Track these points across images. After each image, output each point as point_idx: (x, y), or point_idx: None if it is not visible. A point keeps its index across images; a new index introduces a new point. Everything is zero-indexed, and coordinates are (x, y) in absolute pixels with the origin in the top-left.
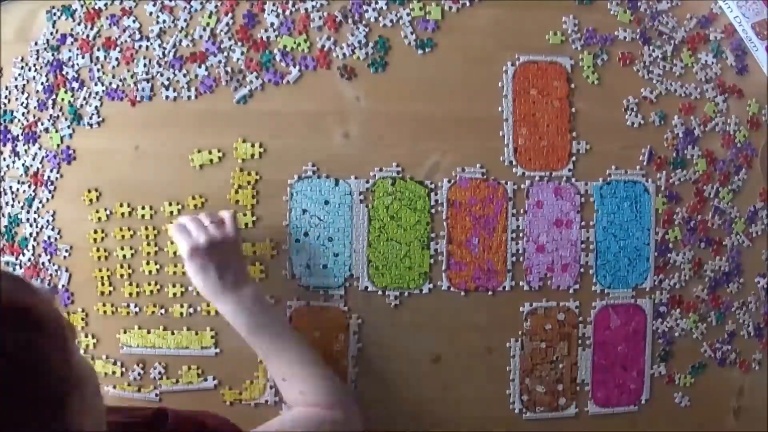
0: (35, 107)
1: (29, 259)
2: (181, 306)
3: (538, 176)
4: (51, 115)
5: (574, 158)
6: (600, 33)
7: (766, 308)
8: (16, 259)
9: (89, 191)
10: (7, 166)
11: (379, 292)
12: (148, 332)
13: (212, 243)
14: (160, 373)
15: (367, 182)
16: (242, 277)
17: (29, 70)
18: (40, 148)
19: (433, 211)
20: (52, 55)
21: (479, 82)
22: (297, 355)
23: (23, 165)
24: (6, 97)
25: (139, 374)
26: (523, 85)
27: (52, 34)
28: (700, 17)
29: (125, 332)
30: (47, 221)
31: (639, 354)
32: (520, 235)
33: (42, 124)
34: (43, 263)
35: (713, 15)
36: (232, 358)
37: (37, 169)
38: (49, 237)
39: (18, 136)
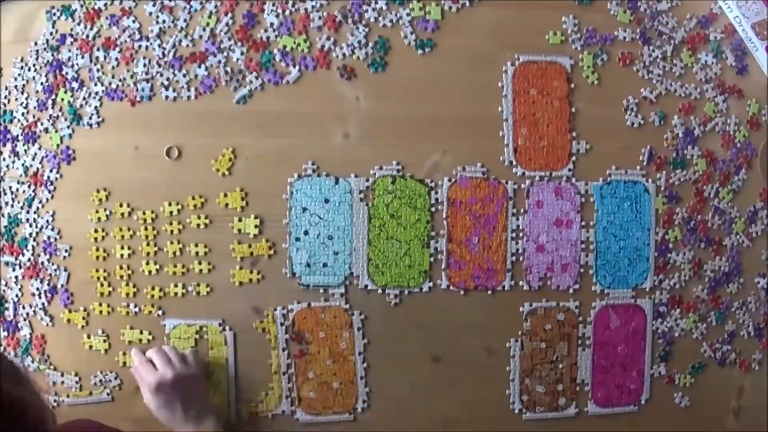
0: (35, 107)
1: (29, 259)
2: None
3: (538, 176)
4: (51, 115)
5: (574, 158)
6: (600, 33)
7: (766, 308)
8: (16, 259)
9: (98, 191)
10: (7, 166)
11: (379, 291)
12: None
13: (177, 377)
14: None
15: (367, 180)
16: (205, 409)
17: (29, 70)
18: (39, 148)
19: (433, 209)
20: (52, 55)
21: (479, 82)
22: None
23: (23, 165)
24: (6, 97)
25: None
26: (523, 85)
27: (51, 34)
28: (700, 17)
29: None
30: (47, 221)
31: (639, 354)
32: (520, 234)
33: (42, 124)
34: (42, 263)
35: (713, 15)
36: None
37: (37, 169)
38: (48, 237)
39: (18, 136)
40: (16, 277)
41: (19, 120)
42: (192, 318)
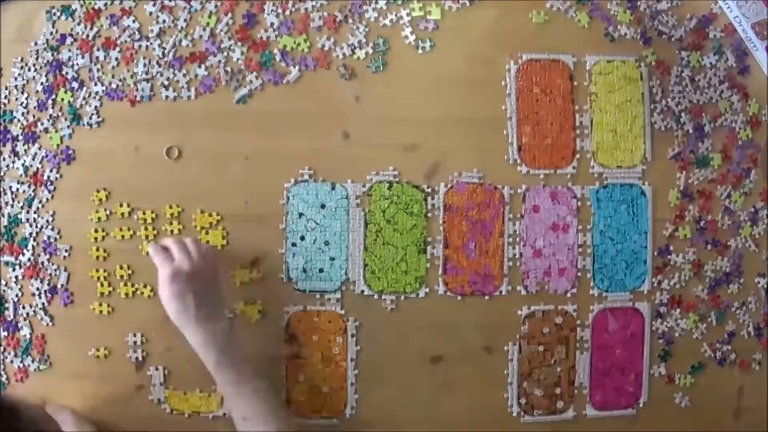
0: (35, 107)
1: (29, 259)
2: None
3: (542, 174)
4: (51, 115)
5: (578, 156)
6: None
7: (766, 308)
8: (16, 259)
9: (98, 191)
10: (7, 166)
11: (375, 296)
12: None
13: (194, 271)
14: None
15: (364, 186)
16: (218, 310)
17: (29, 70)
18: (39, 148)
19: (429, 215)
20: (52, 55)
21: (479, 81)
22: (261, 394)
23: (23, 165)
24: (6, 97)
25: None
26: (526, 83)
27: (51, 34)
28: (700, 17)
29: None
30: (47, 221)
31: (637, 357)
32: (517, 239)
33: (42, 124)
34: (42, 263)
35: (713, 15)
36: None
37: (37, 169)
38: (48, 237)
39: (18, 136)
40: (16, 277)
41: (19, 120)
42: None
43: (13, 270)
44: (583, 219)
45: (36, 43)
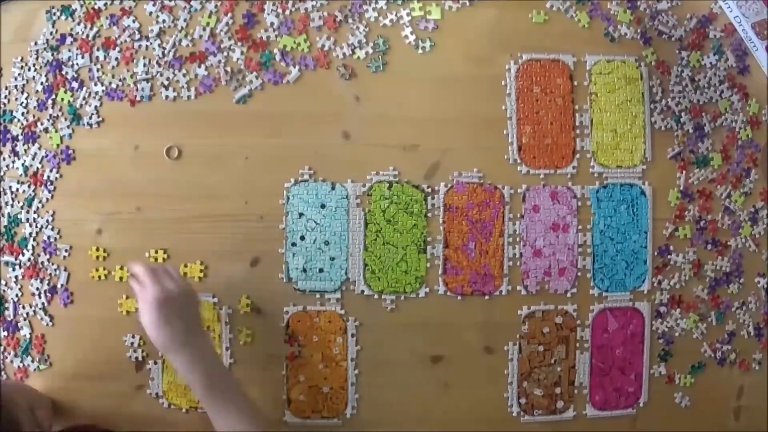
0: (35, 107)
1: (29, 259)
2: None
3: (542, 174)
4: (50, 115)
5: (578, 156)
6: None
7: (766, 308)
8: (16, 259)
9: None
10: (7, 166)
11: (375, 296)
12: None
13: (180, 293)
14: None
15: (364, 186)
16: (199, 329)
17: (29, 70)
18: (39, 148)
19: (429, 215)
20: (52, 55)
21: (479, 81)
22: (245, 409)
23: (23, 165)
24: (6, 97)
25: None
26: (526, 83)
27: (51, 34)
28: (700, 17)
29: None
30: (47, 221)
31: (637, 357)
32: (517, 239)
33: (42, 124)
34: (42, 263)
35: (713, 15)
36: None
37: (37, 169)
38: (48, 237)
39: (18, 136)
40: (16, 277)
41: (19, 120)
42: None
43: (13, 270)
44: (583, 219)
45: (36, 43)
